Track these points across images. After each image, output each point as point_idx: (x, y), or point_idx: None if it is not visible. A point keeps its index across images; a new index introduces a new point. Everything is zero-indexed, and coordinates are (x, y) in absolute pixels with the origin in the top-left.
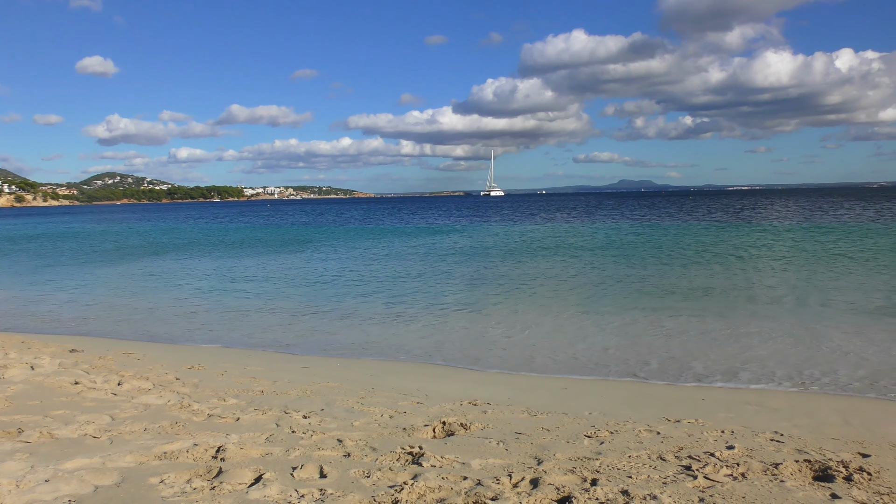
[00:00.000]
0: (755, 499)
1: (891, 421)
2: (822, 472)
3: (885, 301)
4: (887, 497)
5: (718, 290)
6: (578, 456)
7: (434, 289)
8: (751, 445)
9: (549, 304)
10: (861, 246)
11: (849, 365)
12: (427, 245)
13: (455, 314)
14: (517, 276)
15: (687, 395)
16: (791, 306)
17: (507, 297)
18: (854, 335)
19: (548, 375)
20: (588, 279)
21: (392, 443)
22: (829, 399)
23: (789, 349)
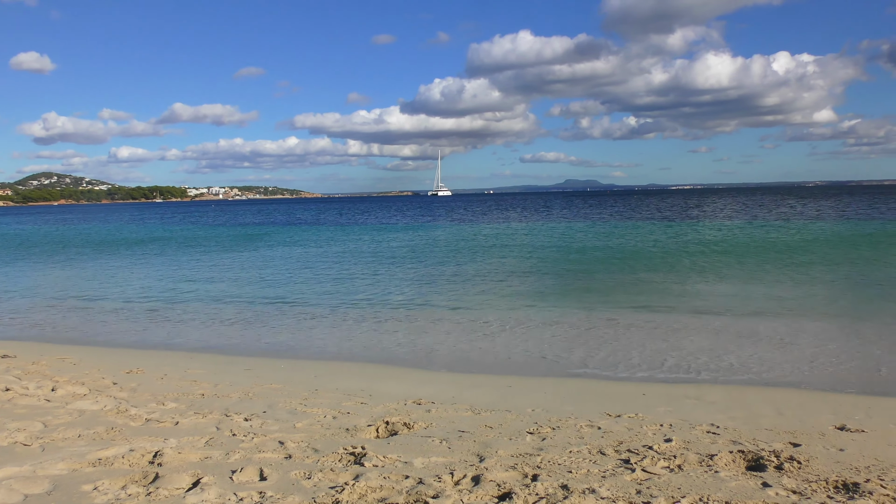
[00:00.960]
0: (690, 489)
1: (821, 411)
2: (754, 461)
3: (825, 297)
4: (815, 484)
5: (663, 286)
6: (520, 452)
7: (381, 289)
8: (688, 438)
9: (496, 303)
10: (801, 243)
11: (785, 358)
12: (375, 245)
13: (402, 314)
14: (465, 275)
15: (628, 390)
16: (731, 302)
17: (454, 297)
18: (792, 330)
19: (493, 374)
20: (535, 277)
21: (334, 443)
22: (764, 391)
23: (729, 344)
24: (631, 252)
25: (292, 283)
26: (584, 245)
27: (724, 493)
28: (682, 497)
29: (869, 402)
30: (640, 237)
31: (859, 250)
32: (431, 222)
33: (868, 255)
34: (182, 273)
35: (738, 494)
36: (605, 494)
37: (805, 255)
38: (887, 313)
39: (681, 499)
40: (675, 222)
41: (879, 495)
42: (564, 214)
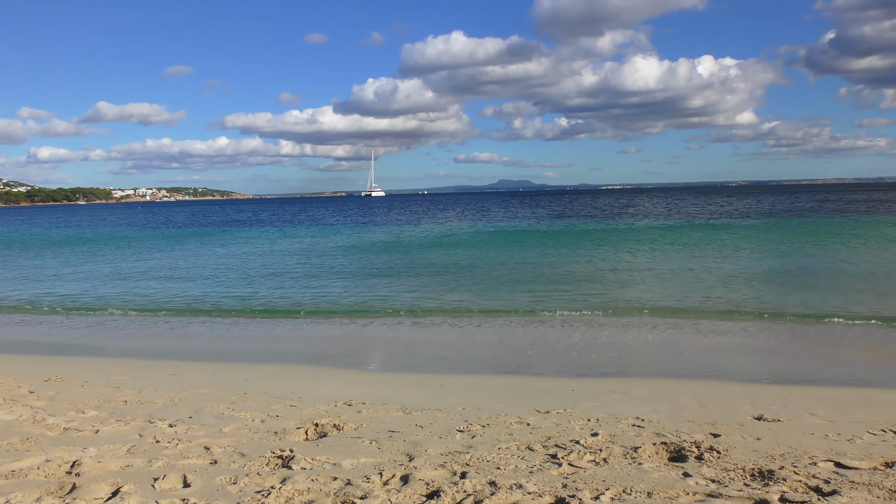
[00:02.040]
0: (614, 482)
1: (741, 402)
2: (676, 452)
3: (747, 290)
4: (733, 473)
5: (594, 283)
6: (450, 451)
7: (315, 290)
8: (614, 432)
9: (431, 302)
10: (726, 239)
11: (709, 350)
12: (309, 245)
13: (334, 314)
14: (399, 274)
15: (558, 386)
16: (663, 298)
17: (387, 296)
18: (716, 323)
19: (426, 373)
20: (470, 276)
21: (262, 447)
22: (688, 384)
23: (657, 338)
24: (563, 250)
25: (221, 286)
26: (519, 243)
27: (646, 485)
28: (606, 489)
29: (786, 391)
30: (574, 236)
31: (780, 245)
32: (368, 223)
33: (785, 249)
34: (106, 276)
35: (660, 485)
36: (531, 489)
37: (729, 250)
38: (805, 304)
39: (605, 491)
40: (610, 221)
41: (792, 481)
42: (501, 214)
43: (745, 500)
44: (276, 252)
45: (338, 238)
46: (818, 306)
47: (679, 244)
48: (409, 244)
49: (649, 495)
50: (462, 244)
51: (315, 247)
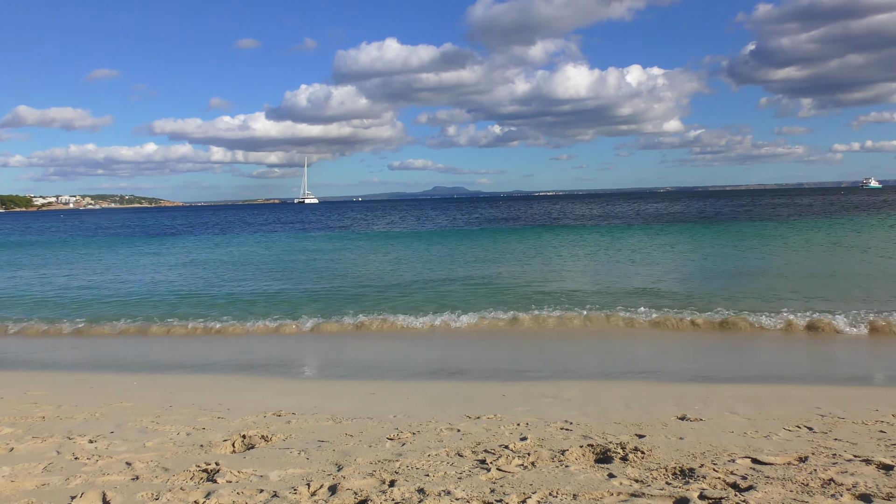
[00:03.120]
0: (541, 485)
1: (665, 402)
2: (602, 454)
3: (674, 289)
4: (656, 472)
5: (524, 286)
6: (379, 459)
7: (243, 298)
8: (542, 435)
9: (362, 309)
10: (663, 241)
11: (636, 351)
12: (237, 253)
13: (265, 323)
14: (331, 281)
15: (489, 391)
16: (594, 300)
17: (320, 304)
18: (644, 327)
19: (357, 381)
20: (405, 280)
21: (186, 461)
22: (616, 385)
23: (588, 341)
24: (494, 254)
25: (146, 295)
26: (455, 248)
27: (572, 487)
28: (533, 493)
29: (708, 391)
30: (508, 240)
31: (707, 247)
32: (302, 230)
33: (711, 251)
34: (22, 285)
35: (586, 486)
36: (459, 495)
37: (658, 253)
38: (729, 303)
39: (531, 494)
40: (547, 226)
41: (711, 478)
42: (439, 220)
43: (666, 498)
44: (205, 261)
45: (274, 245)
46: (741, 306)
47: (612, 248)
48: (346, 251)
49: (575, 497)
50: (397, 251)
51: (243, 254)
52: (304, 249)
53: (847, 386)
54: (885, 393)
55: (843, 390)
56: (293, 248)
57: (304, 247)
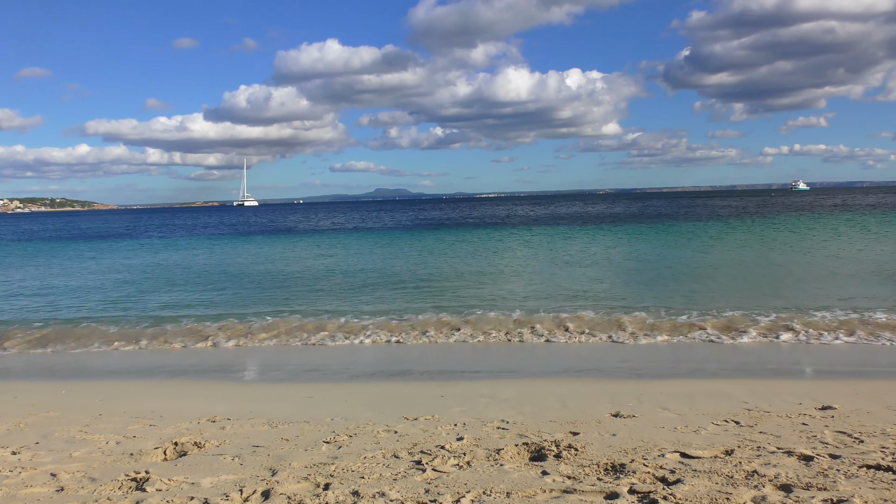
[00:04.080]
0: (475, 484)
1: (600, 399)
2: (537, 452)
3: (609, 288)
4: (588, 468)
5: (462, 288)
6: (315, 462)
7: (178, 301)
8: (479, 435)
9: (301, 312)
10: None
11: (572, 349)
12: (173, 257)
13: (202, 326)
14: (270, 283)
15: (428, 392)
16: (533, 299)
17: (258, 306)
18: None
19: (294, 384)
20: (345, 283)
21: (115, 470)
22: (552, 384)
23: (527, 339)
24: (438, 256)
25: (76, 299)
26: (398, 250)
27: (506, 485)
28: (467, 492)
29: (642, 387)
30: (451, 242)
31: (644, 246)
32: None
33: (649, 250)
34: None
35: (519, 484)
36: (394, 497)
37: (602, 253)
38: (664, 301)
39: (465, 494)
40: (490, 227)
41: (641, 473)
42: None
43: (597, 493)
44: (134, 266)
45: (203, 249)
46: (676, 303)
47: (555, 249)
48: (285, 253)
49: (508, 495)
50: (338, 253)
51: (179, 257)
52: (242, 252)
53: (773, 380)
54: (809, 386)
55: (770, 384)
56: (230, 251)
57: (242, 250)
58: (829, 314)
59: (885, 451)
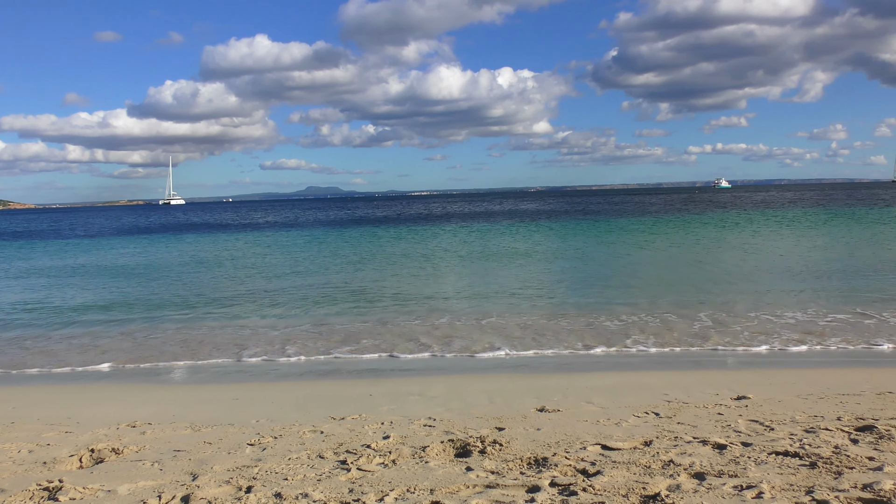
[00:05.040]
0: (399, 482)
1: (526, 395)
2: (462, 448)
3: (542, 286)
4: (511, 463)
5: (413, 289)
6: (238, 465)
7: (97, 302)
8: (405, 433)
9: (224, 311)
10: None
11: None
12: (93, 258)
13: (121, 328)
14: (191, 285)
15: (357, 391)
16: (479, 301)
17: (178, 308)
18: (507, 319)
19: (221, 385)
20: (268, 284)
21: (27, 480)
22: (481, 380)
23: (454, 333)
24: (383, 257)
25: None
26: (322, 250)
27: (430, 482)
28: (391, 490)
29: (567, 382)
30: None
31: (573, 246)
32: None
33: (578, 246)
34: None
35: (443, 481)
36: (317, 497)
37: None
38: (595, 295)
39: (389, 492)
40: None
41: (563, 466)
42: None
43: (519, 487)
44: (48, 268)
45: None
46: (606, 297)
47: (489, 246)
48: (206, 255)
49: (432, 492)
50: (267, 253)
51: (102, 258)
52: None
53: (693, 371)
54: (726, 377)
55: (690, 376)
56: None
57: (167, 248)
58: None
59: (793, 437)
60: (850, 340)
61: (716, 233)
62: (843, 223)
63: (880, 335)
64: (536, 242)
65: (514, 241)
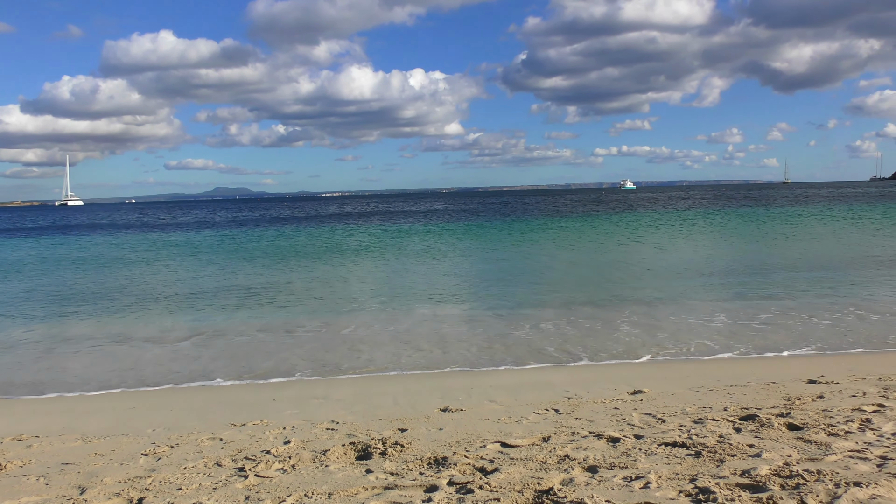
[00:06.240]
0: (297, 487)
1: (432, 395)
2: (363, 451)
3: (455, 286)
4: (412, 463)
5: (324, 291)
6: (130, 477)
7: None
8: (307, 437)
9: (117, 316)
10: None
11: (410, 347)
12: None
13: (7, 335)
14: (99, 290)
15: (259, 396)
16: (383, 301)
17: (81, 314)
18: (422, 322)
19: (116, 394)
20: (182, 288)
21: None
22: (386, 382)
23: (359, 341)
24: (292, 258)
25: None
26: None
27: (328, 486)
28: (289, 496)
29: (472, 381)
30: (299, 243)
31: (489, 245)
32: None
33: (490, 247)
34: None
35: (342, 484)
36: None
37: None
38: (505, 295)
39: (286, 497)
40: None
41: (462, 465)
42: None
43: (417, 487)
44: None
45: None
46: (515, 296)
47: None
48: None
49: (330, 496)
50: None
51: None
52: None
53: (593, 367)
54: (624, 372)
55: (590, 371)
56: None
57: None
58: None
59: (682, 428)
60: (738, 333)
61: (622, 231)
62: (742, 222)
63: (765, 328)
64: (448, 242)
65: (429, 241)
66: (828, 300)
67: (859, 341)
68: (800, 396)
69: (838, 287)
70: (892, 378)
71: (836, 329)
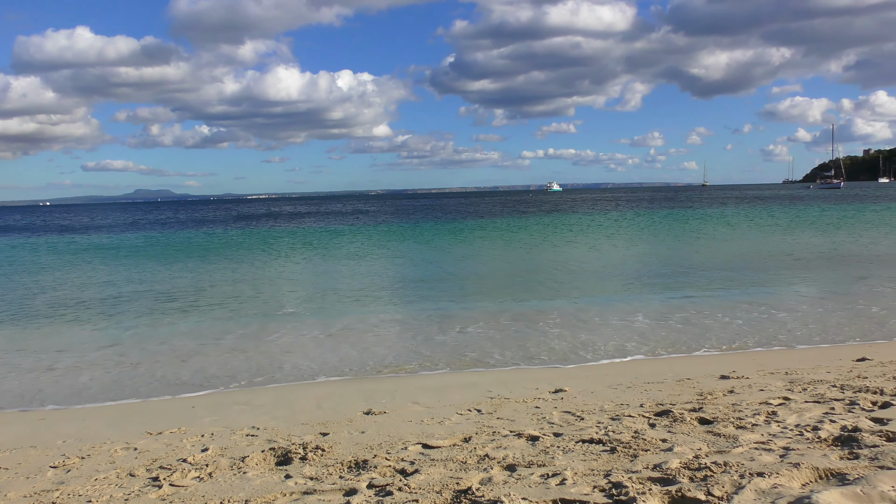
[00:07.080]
0: (214, 495)
1: (355, 399)
2: (283, 456)
3: (385, 289)
4: (332, 468)
5: (249, 295)
6: (36, 490)
7: None
8: (226, 444)
9: (43, 326)
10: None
11: (333, 351)
12: None
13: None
14: (6, 297)
15: (178, 404)
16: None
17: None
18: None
19: (23, 406)
20: (99, 293)
21: None
22: (310, 387)
23: (289, 343)
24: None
25: None
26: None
27: (245, 493)
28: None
29: (396, 384)
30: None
31: (418, 248)
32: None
33: (423, 249)
34: None
35: (260, 490)
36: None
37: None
38: (433, 301)
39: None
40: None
41: (382, 467)
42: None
43: (336, 491)
44: None
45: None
46: (444, 298)
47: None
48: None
49: (247, 502)
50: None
51: None
52: None
53: (516, 368)
54: (546, 373)
55: (514, 373)
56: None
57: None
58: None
59: (599, 425)
60: (656, 332)
61: (549, 232)
62: (664, 224)
63: (682, 326)
64: (378, 244)
65: (358, 243)
66: (742, 298)
67: (768, 338)
68: (712, 392)
69: (751, 286)
70: (798, 372)
71: (748, 327)
